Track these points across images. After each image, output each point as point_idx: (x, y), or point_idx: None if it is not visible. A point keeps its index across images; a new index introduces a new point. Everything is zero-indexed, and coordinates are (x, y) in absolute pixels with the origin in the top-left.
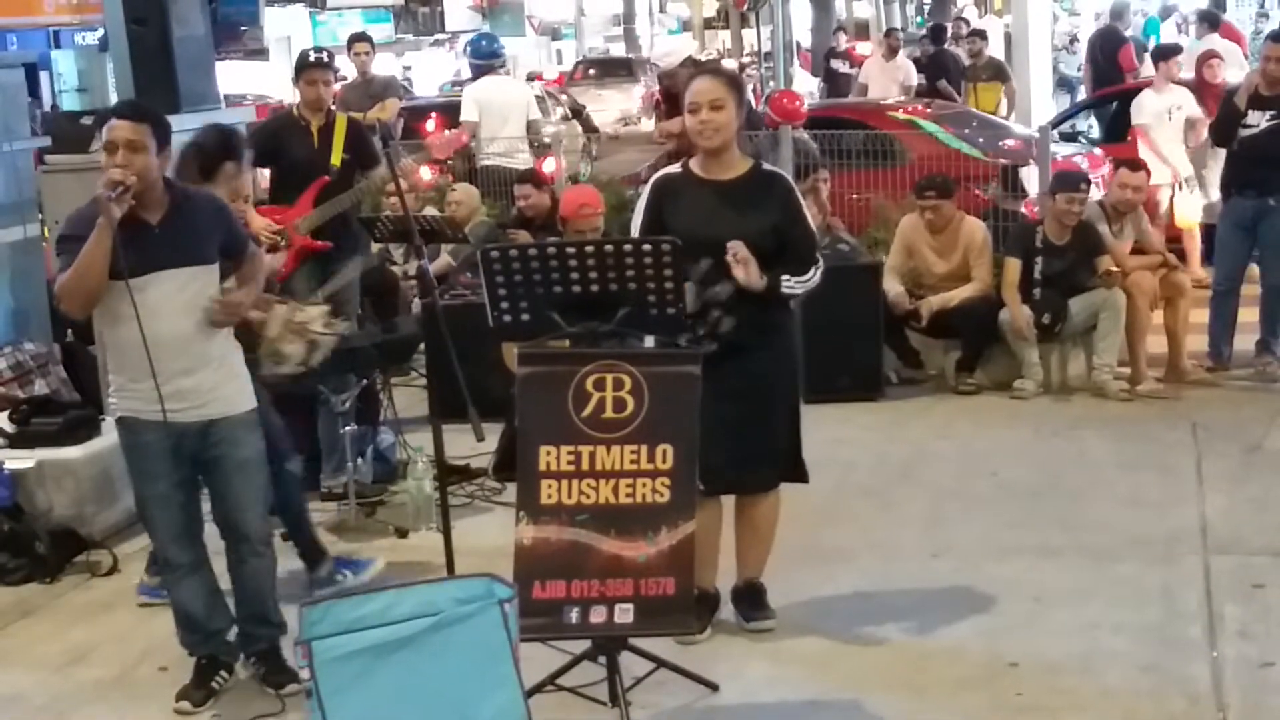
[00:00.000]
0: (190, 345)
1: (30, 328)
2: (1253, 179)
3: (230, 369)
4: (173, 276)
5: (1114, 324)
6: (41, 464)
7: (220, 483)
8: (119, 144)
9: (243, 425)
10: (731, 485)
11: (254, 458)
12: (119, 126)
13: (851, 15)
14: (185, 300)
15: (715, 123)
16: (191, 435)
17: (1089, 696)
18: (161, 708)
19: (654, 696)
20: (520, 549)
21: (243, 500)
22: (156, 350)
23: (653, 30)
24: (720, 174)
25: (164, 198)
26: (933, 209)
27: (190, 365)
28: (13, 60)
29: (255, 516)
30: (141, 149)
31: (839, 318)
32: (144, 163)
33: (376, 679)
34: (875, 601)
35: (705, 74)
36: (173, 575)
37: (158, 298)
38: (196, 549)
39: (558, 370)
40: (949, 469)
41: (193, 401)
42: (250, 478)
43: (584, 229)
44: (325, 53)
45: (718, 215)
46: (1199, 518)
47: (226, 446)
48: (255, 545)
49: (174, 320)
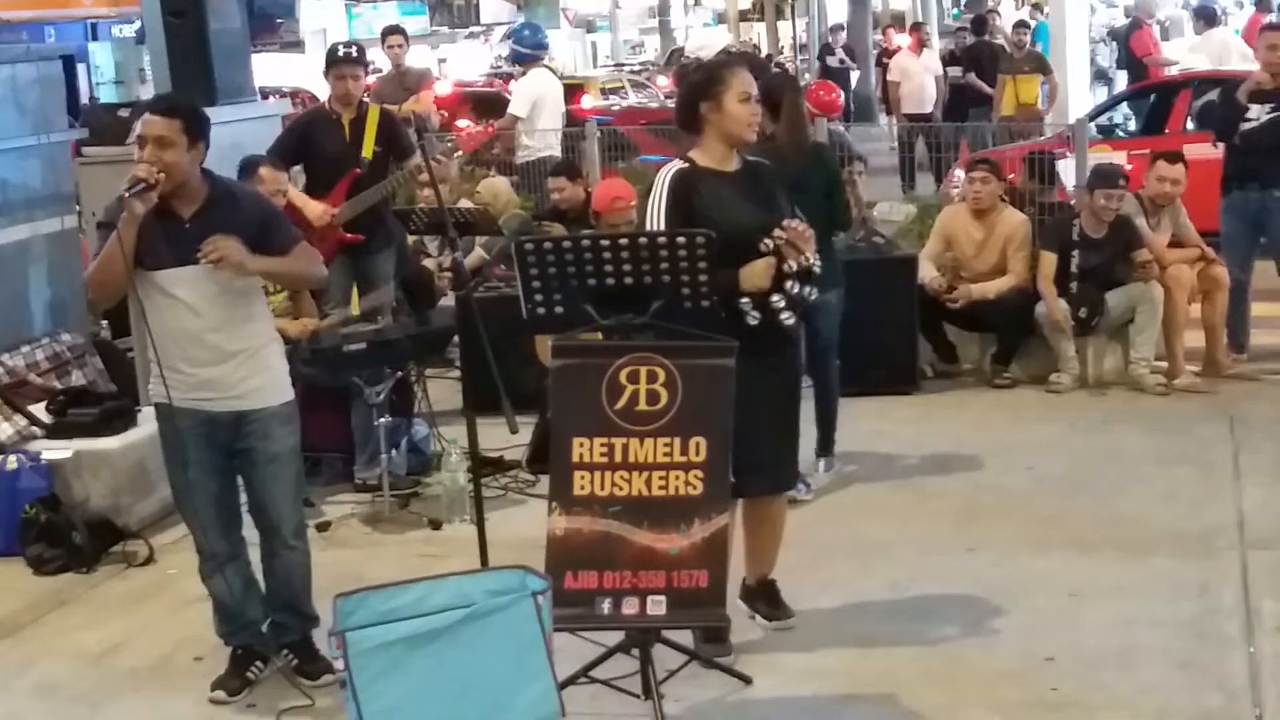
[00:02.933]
0: (218, 337)
1: (67, 319)
2: (1256, 172)
3: (262, 361)
4: (196, 272)
5: (1151, 317)
6: (78, 454)
7: (252, 475)
8: (149, 139)
9: (276, 418)
10: (778, 484)
11: (285, 451)
12: (151, 122)
13: (888, 7)
14: (214, 293)
15: (760, 114)
16: (224, 425)
17: (1125, 692)
18: (197, 698)
19: (687, 689)
20: (553, 540)
21: (273, 493)
22: (184, 340)
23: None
24: (726, 166)
25: (200, 192)
26: (982, 180)
27: (219, 356)
28: (50, 53)
29: (286, 510)
30: (170, 145)
31: (874, 311)
32: (173, 158)
33: (410, 670)
34: (910, 595)
35: (746, 65)
36: (208, 565)
37: (187, 290)
38: (232, 539)
39: (591, 363)
40: (985, 463)
41: (221, 392)
42: (280, 471)
43: (617, 222)
44: (355, 47)
45: (748, 202)
46: (1236, 512)
47: (257, 439)
48: (285, 538)
49: (201, 313)
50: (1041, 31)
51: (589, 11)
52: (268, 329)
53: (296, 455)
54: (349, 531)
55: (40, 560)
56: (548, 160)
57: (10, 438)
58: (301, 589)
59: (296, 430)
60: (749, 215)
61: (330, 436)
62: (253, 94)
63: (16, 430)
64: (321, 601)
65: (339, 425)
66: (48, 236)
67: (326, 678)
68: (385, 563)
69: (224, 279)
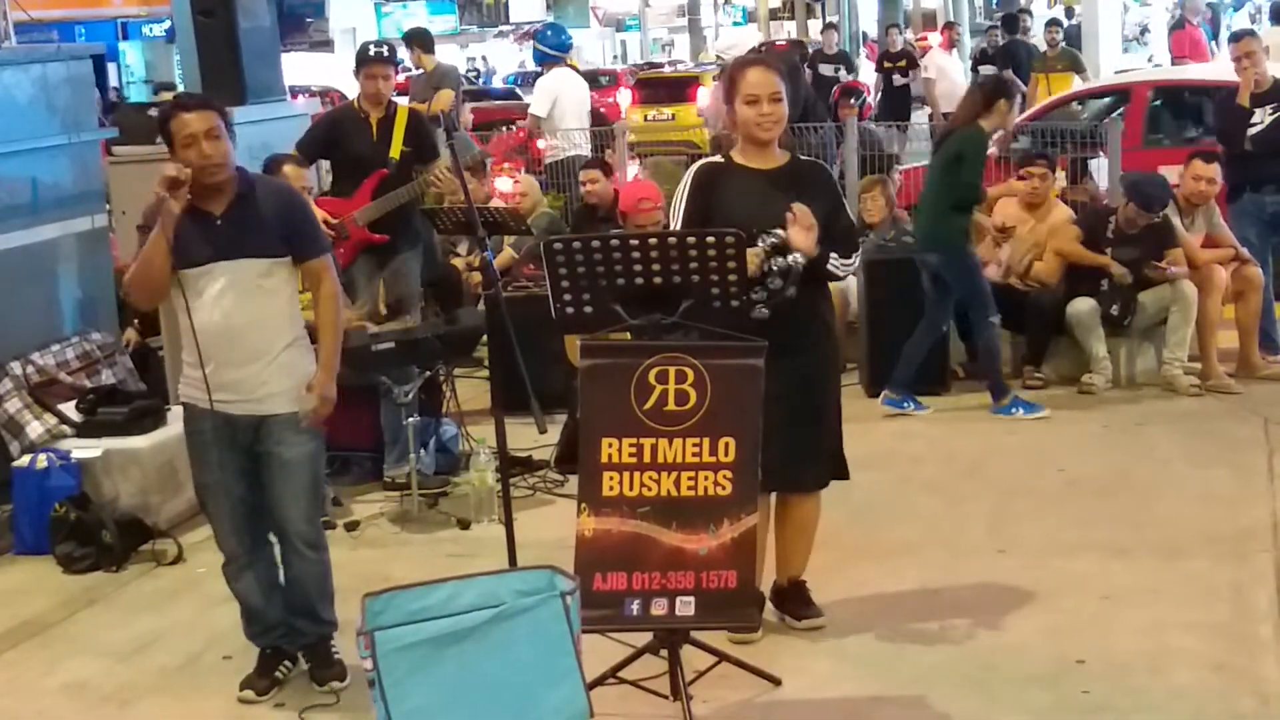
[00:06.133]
0: (244, 338)
1: (97, 318)
2: (1271, 175)
3: (288, 367)
4: (229, 268)
5: (1184, 318)
6: (108, 453)
7: (266, 480)
8: (199, 136)
9: (291, 425)
10: (786, 484)
11: (300, 459)
12: (192, 120)
13: (918, 6)
14: (242, 292)
15: (776, 114)
16: (244, 428)
17: (1157, 696)
18: (226, 696)
19: (716, 690)
20: (581, 541)
21: (284, 500)
22: (210, 339)
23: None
24: (763, 163)
25: (230, 187)
26: (1040, 176)
27: (244, 358)
28: (80, 52)
29: (297, 517)
30: (220, 135)
31: (904, 311)
32: (225, 148)
33: (438, 670)
34: (940, 597)
35: (759, 64)
36: (231, 567)
37: (217, 288)
38: (256, 542)
39: (620, 363)
40: (1016, 464)
41: (242, 394)
42: (293, 478)
43: (643, 223)
44: (387, 46)
45: (768, 202)
46: (1271, 515)
47: (273, 444)
48: (296, 545)
49: (229, 311)
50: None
51: (618, 10)
52: (296, 330)
53: (312, 462)
54: (377, 531)
55: (70, 559)
56: (575, 160)
57: (40, 436)
58: (315, 595)
59: (315, 438)
60: (765, 214)
61: (359, 435)
62: (282, 93)
63: (46, 429)
64: (350, 601)
65: (368, 424)
66: (78, 235)
67: (335, 684)
68: (413, 562)
69: (255, 278)
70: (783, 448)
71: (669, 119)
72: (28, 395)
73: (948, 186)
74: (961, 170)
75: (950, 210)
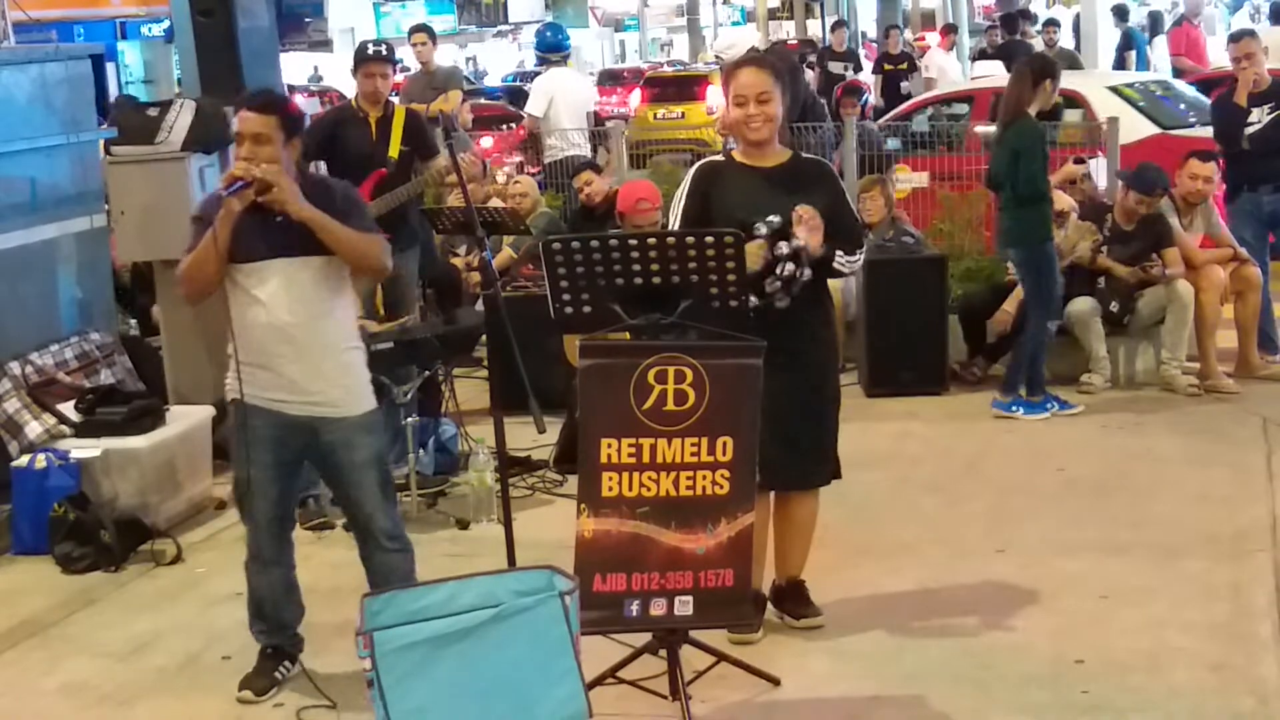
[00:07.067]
0: (298, 336)
1: (96, 318)
2: (1269, 174)
3: (342, 367)
4: (284, 266)
5: (1183, 317)
6: (107, 453)
7: (339, 484)
8: (246, 136)
9: (358, 427)
10: (784, 482)
11: (370, 460)
12: (247, 119)
13: (917, 6)
14: (298, 290)
15: (764, 115)
16: (298, 430)
17: (1156, 695)
18: (225, 696)
19: (715, 690)
20: (581, 541)
21: (365, 502)
22: (264, 337)
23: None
24: (763, 162)
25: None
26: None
27: (297, 355)
28: (79, 52)
29: (379, 515)
30: (268, 141)
31: (903, 311)
32: (270, 154)
33: (437, 670)
34: (939, 597)
35: (750, 64)
36: (255, 563)
37: (274, 284)
38: (283, 544)
39: (619, 362)
40: (1014, 464)
41: (298, 395)
42: (368, 479)
43: (641, 223)
44: (385, 45)
45: (767, 200)
46: (1269, 514)
47: (339, 448)
48: (381, 541)
49: (284, 309)
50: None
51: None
52: (352, 333)
53: (382, 460)
54: None
55: (69, 559)
56: (573, 160)
57: (39, 436)
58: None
59: (381, 436)
60: (768, 212)
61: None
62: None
63: (45, 429)
64: (348, 601)
65: None
66: (76, 235)
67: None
68: None
69: (312, 276)
70: (781, 446)
71: (679, 117)
72: (26, 395)
73: (1013, 182)
74: (1020, 165)
75: (1022, 205)
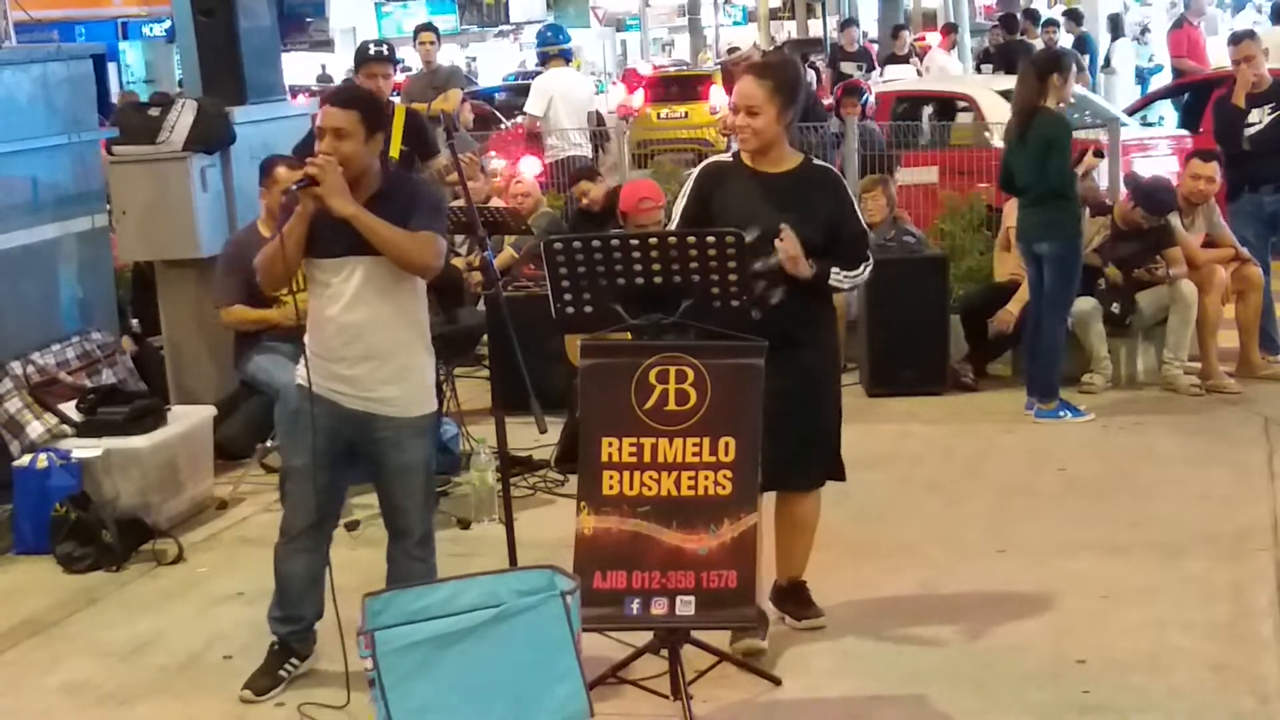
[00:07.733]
0: (366, 333)
1: (97, 318)
2: (1270, 174)
3: (406, 369)
4: (359, 263)
5: (1184, 317)
6: (108, 453)
7: (382, 481)
8: (327, 130)
9: (411, 430)
10: (785, 483)
11: (417, 463)
12: (329, 113)
13: (919, 6)
14: (371, 288)
15: (752, 127)
16: (354, 423)
17: (1157, 695)
18: (226, 696)
19: (716, 690)
20: (581, 539)
21: (407, 506)
22: (333, 330)
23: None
24: (770, 167)
25: (375, 183)
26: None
27: (364, 352)
28: (80, 52)
29: (415, 520)
30: (348, 136)
31: (904, 310)
32: (350, 149)
33: (438, 669)
34: (940, 597)
35: (749, 73)
36: (286, 546)
37: (346, 281)
38: (319, 530)
39: (620, 362)
40: (1015, 464)
41: (357, 390)
42: (413, 482)
43: (644, 223)
44: (386, 45)
45: (766, 206)
46: (1270, 514)
47: (389, 447)
48: (409, 548)
49: (353, 306)
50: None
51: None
52: (420, 336)
53: (429, 466)
54: (377, 531)
55: (70, 558)
56: (573, 159)
57: (41, 436)
58: None
59: (432, 441)
60: (765, 218)
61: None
62: (283, 93)
63: (47, 429)
64: (350, 601)
65: None
66: (78, 235)
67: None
68: None
69: (384, 274)
70: (783, 446)
71: (682, 117)
72: (28, 395)
73: (1044, 175)
74: (1051, 157)
75: (1054, 199)
